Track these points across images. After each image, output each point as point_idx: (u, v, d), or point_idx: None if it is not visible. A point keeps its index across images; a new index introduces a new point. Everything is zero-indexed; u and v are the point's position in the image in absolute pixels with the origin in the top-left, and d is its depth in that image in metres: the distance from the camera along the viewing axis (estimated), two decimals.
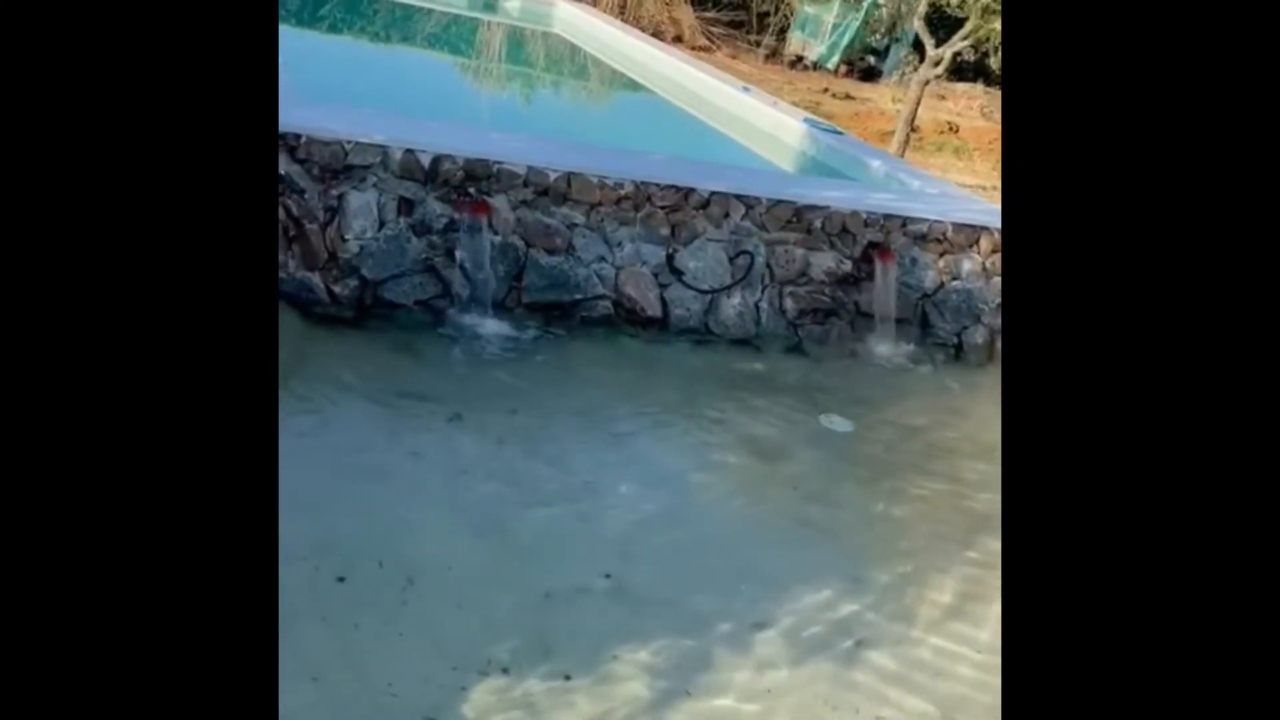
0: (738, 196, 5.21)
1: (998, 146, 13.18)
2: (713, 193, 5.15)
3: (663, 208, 5.07)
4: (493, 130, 5.25)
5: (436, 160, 4.53)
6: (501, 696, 2.57)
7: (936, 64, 9.51)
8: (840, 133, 7.82)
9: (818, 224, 5.40)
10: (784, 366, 5.05)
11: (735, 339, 5.16)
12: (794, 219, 5.35)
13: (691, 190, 5.11)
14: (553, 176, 4.79)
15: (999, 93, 16.01)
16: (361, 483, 3.29)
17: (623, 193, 4.95)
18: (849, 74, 16.58)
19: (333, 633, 2.63)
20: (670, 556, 3.34)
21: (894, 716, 2.81)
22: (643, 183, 4.99)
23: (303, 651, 2.53)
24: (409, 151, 4.49)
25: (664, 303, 5.04)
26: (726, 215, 5.21)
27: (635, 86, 9.93)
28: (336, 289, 4.35)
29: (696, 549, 3.42)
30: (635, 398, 4.35)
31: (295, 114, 4.38)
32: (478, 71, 10.43)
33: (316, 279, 4.32)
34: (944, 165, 11.95)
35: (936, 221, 5.70)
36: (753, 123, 8.08)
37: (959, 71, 15.92)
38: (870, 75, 16.76)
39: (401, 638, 2.68)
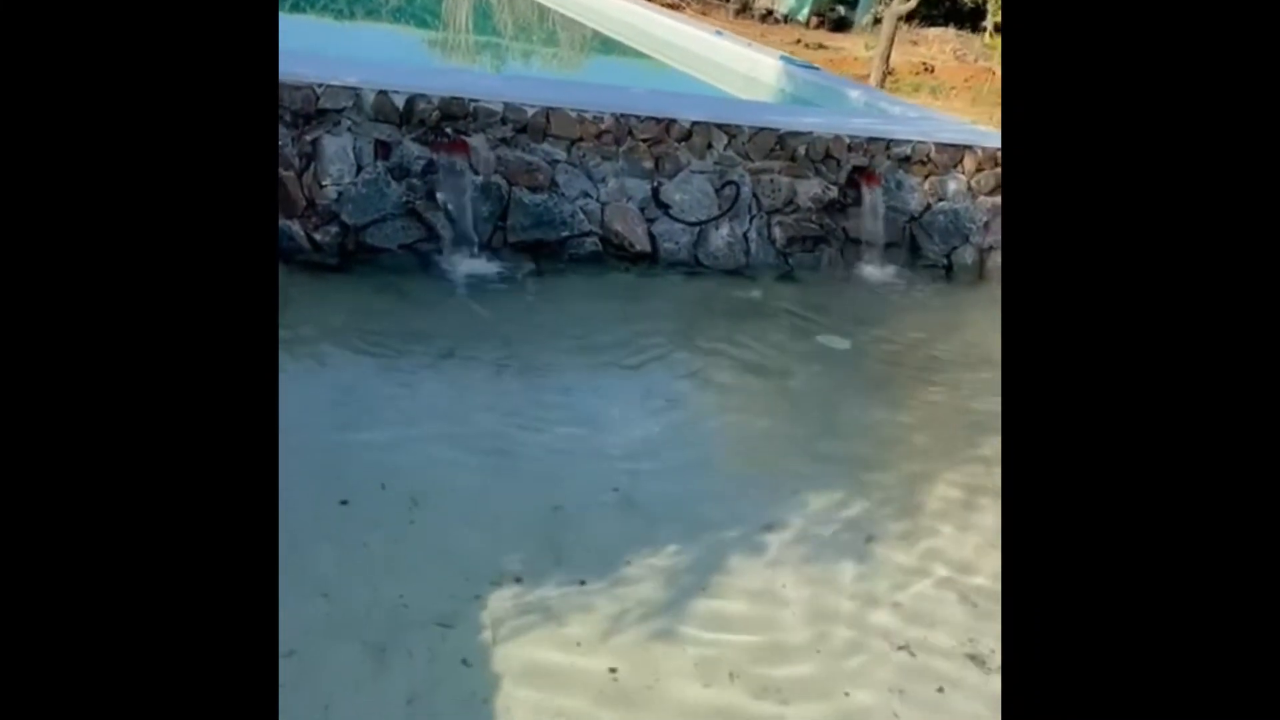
0: (720, 126, 5.15)
1: (975, 84, 13.10)
2: (694, 123, 5.09)
3: (645, 140, 5.01)
4: (463, 70, 5.15)
5: (411, 101, 4.45)
6: (517, 602, 2.53)
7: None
8: (816, 69, 7.76)
9: (801, 151, 5.35)
10: (777, 293, 5.00)
11: (726, 270, 5.11)
12: (777, 147, 5.30)
13: (673, 121, 5.05)
14: (530, 113, 4.72)
15: (971, 36, 15.94)
16: (359, 416, 3.24)
17: (603, 127, 4.89)
18: (820, 25, 16.46)
19: (341, 551, 2.59)
20: (677, 471, 3.31)
21: (910, 602, 2.80)
22: (623, 116, 4.92)
23: (312, 570, 2.49)
24: (382, 93, 4.40)
25: (652, 237, 4.99)
26: (710, 146, 5.15)
27: (608, 43, 9.83)
28: (317, 236, 4.28)
29: (702, 464, 3.39)
30: (630, 328, 4.30)
31: None
32: (445, 44, 10.29)
33: (296, 227, 4.24)
34: (922, 104, 11.89)
35: (920, 142, 5.65)
36: (728, 65, 8.00)
37: (929, 18, 15.83)
38: (841, 26, 16.64)
39: (410, 554, 2.64)
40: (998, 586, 2.91)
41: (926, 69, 13.48)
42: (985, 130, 6.34)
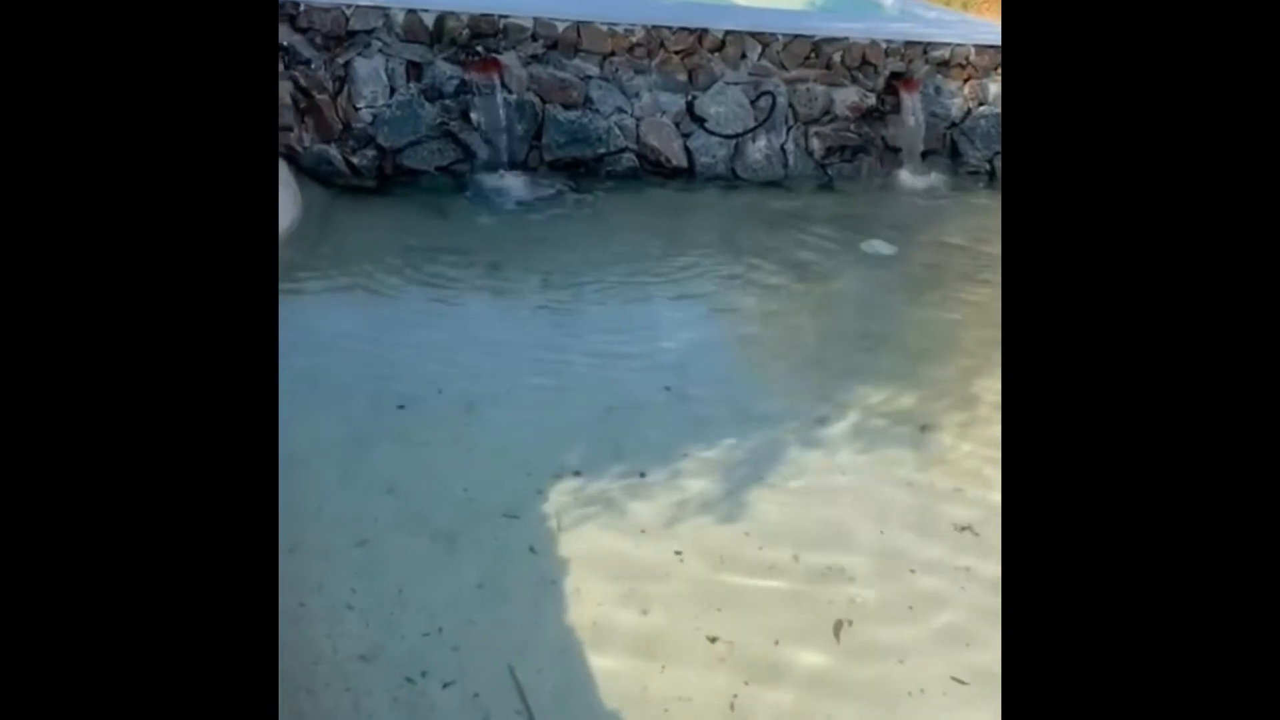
0: (753, 34, 5.04)
1: None
2: (727, 33, 4.99)
3: (677, 52, 4.91)
4: None
5: (441, 19, 4.39)
6: (577, 494, 2.55)
7: None
8: None
9: (837, 58, 5.23)
10: (817, 203, 4.93)
11: (764, 182, 5.04)
12: (812, 54, 5.18)
13: (705, 31, 4.94)
14: (561, 28, 4.64)
15: None
16: (409, 329, 3.25)
17: (635, 39, 4.80)
18: None
19: (403, 450, 2.61)
20: (728, 371, 3.30)
21: (970, 487, 2.78)
22: (654, 28, 4.83)
23: (377, 468, 2.52)
24: (411, 12, 4.34)
25: (688, 151, 4.92)
26: (743, 56, 5.05)
27: None
28: (355, 160, 4.26)
29: (753, 363, 3.37)
30: (672, 239, 4.26)
31: None
32: None
33: (334, 151, 4.23)
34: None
35: (959, 45, 5.50)
36: None
37: None
38: None
39: (470, 451, 2.66)
40: None
41: None
42: None
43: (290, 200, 3.71)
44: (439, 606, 2.12)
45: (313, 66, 4.17)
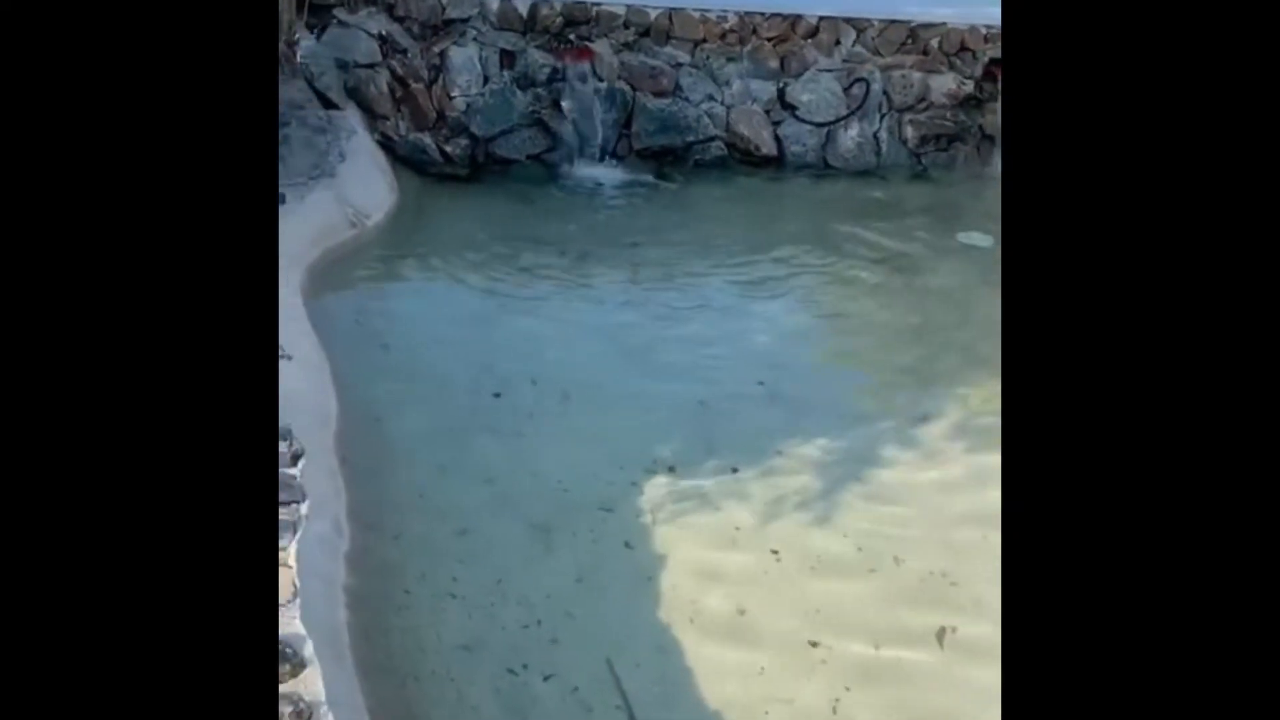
0: (848, 20, 4.93)
1: None
2: (821, 18, 4.88)
3: (770, 39, 4.84)
4: None
5: (534, 7, 4.39)
6: (672, 490, 2.53)
7: None
8: None
9: (935, 44, 5.08)
10: (911, 192, 4.81)
11: (856, 171, 4.93)
12: (909, 40, 5.04)
13: (799, 18, 4.85)
14: (654, 15, 4.60)
15: None
16: (503, 316, 3.27)
17: (727, 26, 4.74)
18: None
19: (499, 440, 2.63)
20: (822, 365, 3.24)
21: None
22: (747, 14, 4.76)
23: (474, 458, 2.54)
24: (506, 0, 4.36)
25: (778, 140, 4.84)
26: (837, 42, 4.94)
27: None
28: (448, 148, 4.30)
29: (849, 357, 3.31)
30: (762, 229, 4.21)
31: None
32: None
33: (428, 139, 4.27)
34: None
35: None
36: None
37: None
38: None
39: (565, 443, 2.66)
40: None
41: None
42: None
43: (386, 188, 3.76)
44: (537, 599, 2.12)
45: (409, 56, 4.22)
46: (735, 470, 2.62)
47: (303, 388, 2.30)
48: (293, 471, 1.91)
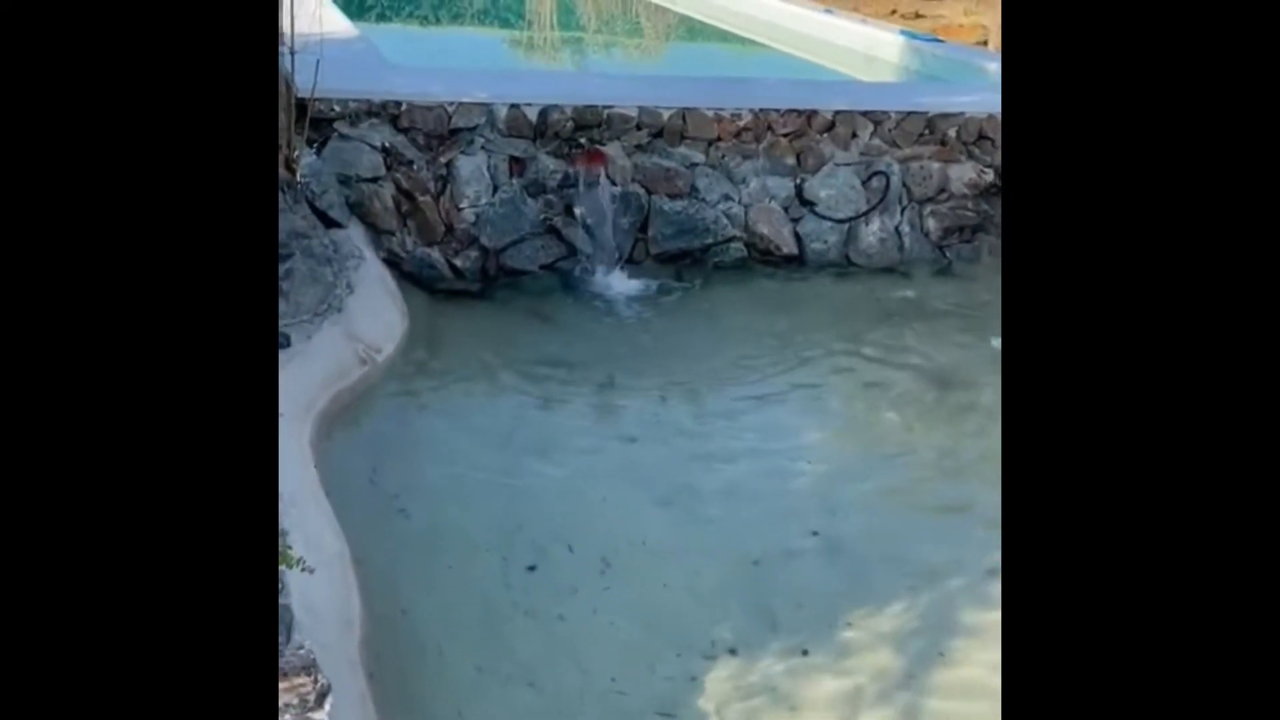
0: (864, 114, 4.77)
1: None
2: (837, 112, 4.73)
3: (785, 135, 4.67)
4: (594, 74, 4.89)
5: (544, 113, 4.21)
6: (738, 682, 2.26)
7: None
8: (940, 41, 7.27)
9: (952, 134, 4.93)
10: (937, 291, 4.61)
11: (879, 268, 4.73)
12: (926, 131, 4.89)
13: (814, 113, 4.69)
14: (667, 115, 4.43)
15: None
16: (528, 461, 3.01)
17: (742, 124, 4.57)
18: None
19: (538, 627, 2.35)
20: (876, 504, 2.99)
21: None
22: (761, 111, 4.59)
23: (513, 652, 2.26)
24: (514, 107, 4.17)
25: (798, 237, 4.65)
26: (854, 135, 4.78)
27: (708, 32, 9.46)
28: (458, 262, 4.07)
29: (903, 494, 3.06)
30: (789, 341, 3.98)
31: (393, 81, 4.11)
32: (533, 43, 10.04)
33: (436, 254, 4.04)
34: None
35: None
36: (844, 45, 7.55)
37: None
38: None
39: (613, 626, 2.39)
40: None
41: None
42: None
43: (397, 316, 3.51)
44: None
45: (415, 167, 4.00)
46: (805, 653, 2.35)
47: (324, 592, 2.02)
48: (321, 717, 1.65)
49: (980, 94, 5.43)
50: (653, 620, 2.42)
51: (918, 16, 14.20)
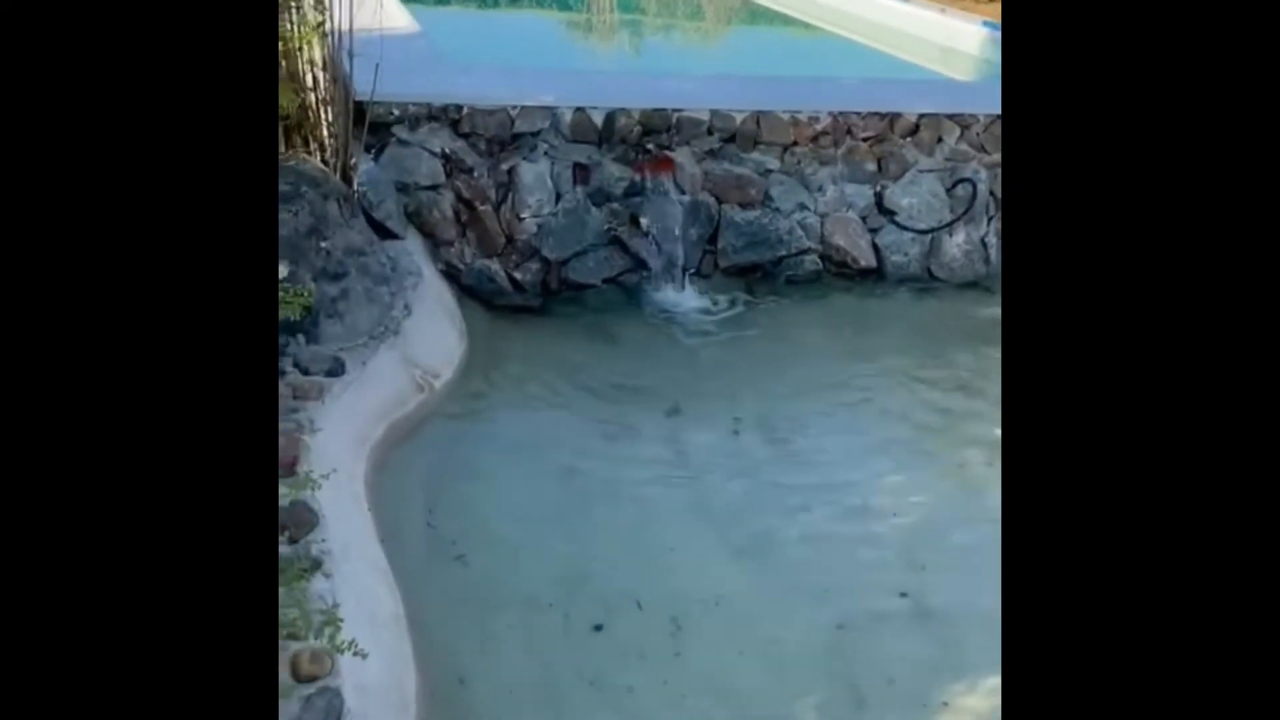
0: (950, 116, 4.48)
1: None
2: (921, 115, 4.44)
3: (865, 139, 4.40)
4: (662, 76, 4.66)
5: (611, 117, 3.99)
6: None
7: None
8: None
9: None
10: None
11: (963, 282, 4.46)
12: None
13: (897, 116, 4.41)
14: (739, 119, 4.18)
15: None
16: (593, 502, 2.82)
17: (819, 128, 4.30)
18: None
19: (605, 700, 2.16)
20: (968, 559, 2.74)
21: None
22: (840, 114, 4.32)
23: None
24: (580, 111, 3.96)
25: (876, 249, 4.39)
26: (939, 140, 4.49)
27: (772, 17, 9.14)
28: (518, 275, 3.88)
29: (995, 549, 2.80)
30: (868, 363, 3.74)
31: (455, 82, 3.92)
32: (589, 26, 9.79)
33: (496, 266, 3.86)
34: None
35: None
36: (923, 36, 7.21)
37: None
38: None
39: (687, 699, 2.19)
40: None
41: None
42: None
43: (456, 337, 3.34)
44: None
45: (475, 175, 3.82)
46: None
47: (378, 668, 1.85)
48: None
49: None
50: (729, 694, 2.22)
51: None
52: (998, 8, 10.64)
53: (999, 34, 6.58)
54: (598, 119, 3.98)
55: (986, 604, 2.56)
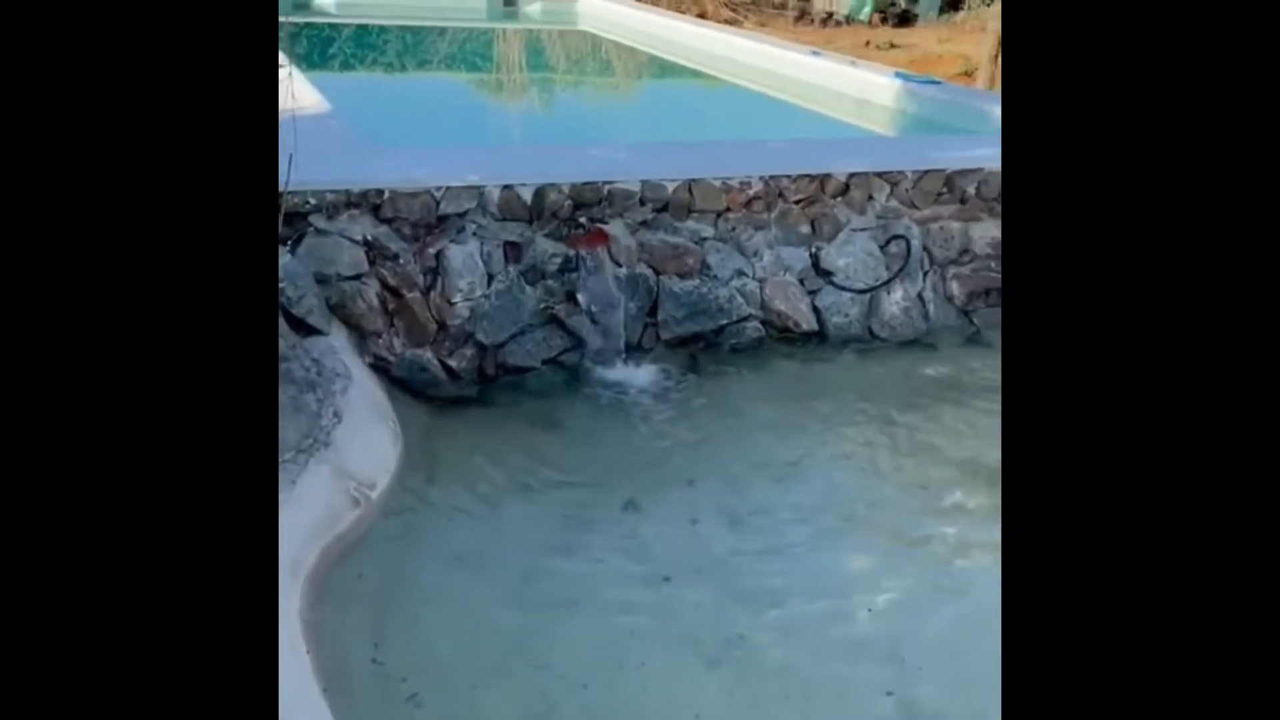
0: (880, 174, 4.46)
1: None
2: (851, 175, 4.41)
3: (798, 202, 4.34)
4: (591, 146, 4.54)
5: (540, 193, 3.84)
6: None
7: None
8: (938, 82, 7.00)
9: (972, 190, 4.63)
10: (969, 364, 4.28)
11: (904, 340, 4.41)
12: (945, 189, 4.59)
13: (828, 176, 4.37)
14: (671, 188, 4.08)
15: None
16: (554, 619, 2.61)
17: (751, 193, 4.23)
18: (884, 23, 15.67)
19: None
20: (954, 647, 2.62)
21: None
22: (772, 177, 4.26)
23: None
24: (507, 188, 3.80)
25: (817, 311, 4.31)
26: (870, 198, 4.47)
27: (689, 74, 9.18)
28: (452, 363, 3.68)
29: (978, 633, 2.69)
30: (819, 435, 3.63)
31: (373, 165, 3.73)
32: (508, 87, 9.71)
33: (428, 355, 3.65)
34: None
35: None
36: (836, 89, 7.27)
37: None
38: (906, 20, 15.84)
39: None
40: None
41: None
42: None
43: (390, 440, 3.11)
44: None
45: (401, 261, 3.62)
46: None
47: None
48: None
49: (997, 145, 5.13)
50: None
51: (892, 46, 14.10)
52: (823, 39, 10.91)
53: (912, 85, 6.68)
54: (526, 195, 3.83)
55: (970, 698, 2.44)
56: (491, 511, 3.03)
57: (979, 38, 14.12)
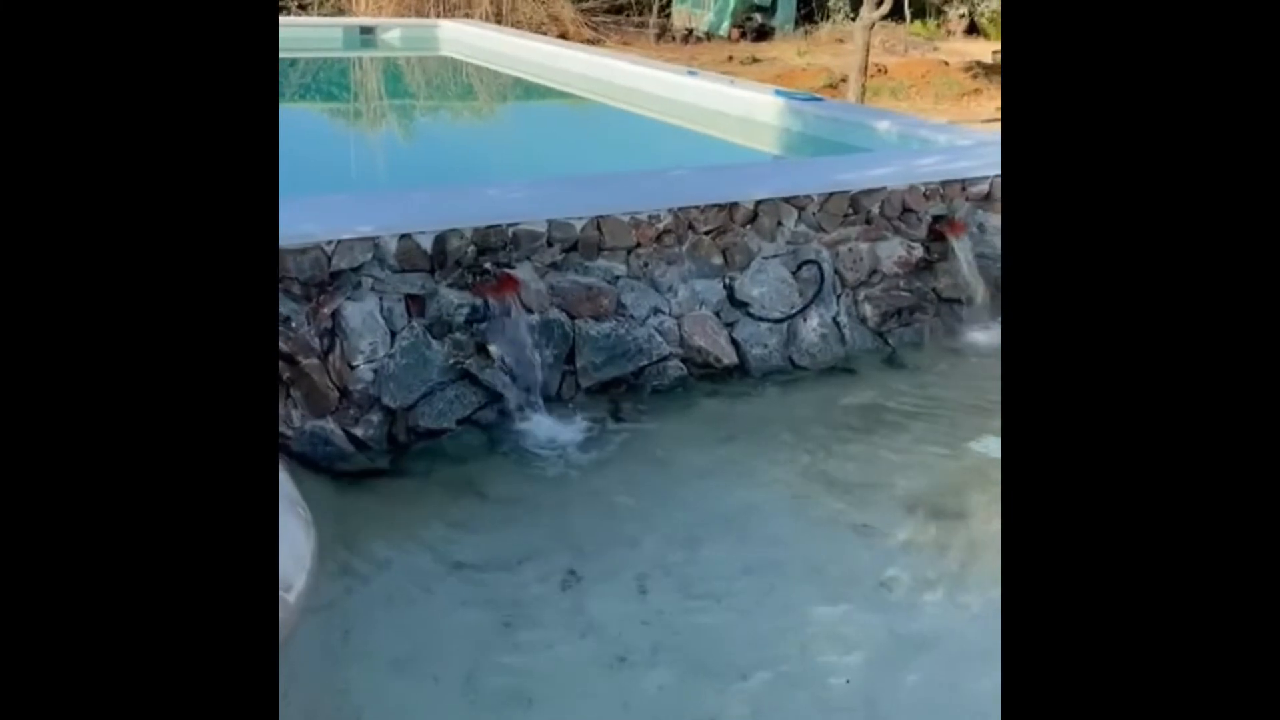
0: (786, 200, 4.37)
1: (931, 78, 12.61)
2: (759, 202, 4.30)
3: (708, 233, 4.20)
4: (489, 185, 4.29)
5: (441, 240, 3.57)
6: None
7: (879, 3, 8.78)
8: (819, 99, 7.03)
9: (876, 210, 4.60)
10: (890, 387, 4.23)
11: (824, 368, 4.32)
12: (851, 210, 4.54)
13: (735, 205, 4.25)
14: (579, 226, 3.88)
15: (894, 25, 15.50)
16: (505, 715, 2.36)
17: (661, 226, 4.07)
18: (742, 37, 15.92)
19: None
20: (923, 701, 2.50)
21: None
22: (681, 209, 4.11)
23: None
24: (405, 237, 3.51)
25: (736, 344, 4.18)
26: (779, 224, 4.37)
27: (551, 93, 8.99)
28: (358, 432, 3.36)
29: (955, 679, 2.58)
30: (753, 479, 3.48)
31: None
32: (377, 120, 9.29)
33: (332, 425, 3.33)
34: (886, 108, 11.27)
35: (997, 176, 4.95)
36: (717, 109, 7.23)
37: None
38: (764, 34, 16.13)
39: None
40: None
41: (880, 70, 12.91)
42: None
43: (302, 532, 2.76)
44: None
45: (294, 324, 3.28)
46: None
47: None
48: None
49: (896, 163, 5.14)
50: None
51: (754, 60, 14.29)
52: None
53: (795, 103, 6.68)
54: (426, 243, 3.55)
55: None
56: (423, 601, 2.74)
57: (837, 49, 14.51)
